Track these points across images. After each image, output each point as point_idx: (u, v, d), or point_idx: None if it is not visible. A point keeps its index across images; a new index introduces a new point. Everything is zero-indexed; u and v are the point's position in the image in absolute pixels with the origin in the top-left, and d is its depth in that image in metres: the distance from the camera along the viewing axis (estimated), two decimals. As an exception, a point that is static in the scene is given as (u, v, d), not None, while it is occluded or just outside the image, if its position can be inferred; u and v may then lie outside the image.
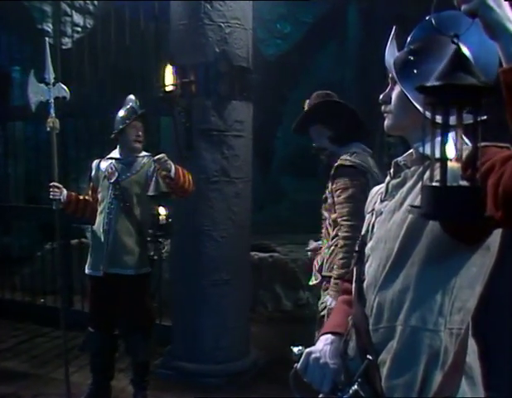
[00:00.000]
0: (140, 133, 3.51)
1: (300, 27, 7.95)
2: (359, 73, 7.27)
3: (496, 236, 1.26)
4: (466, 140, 1.13)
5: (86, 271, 3.59)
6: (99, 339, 3.56)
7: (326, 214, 2.98)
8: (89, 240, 3.76)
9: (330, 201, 2.90)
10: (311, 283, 3.07)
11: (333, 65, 7.52)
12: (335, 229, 2.86)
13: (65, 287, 4.17)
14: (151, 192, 3.45)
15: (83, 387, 3.76)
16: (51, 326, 4.97)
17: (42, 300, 5.64)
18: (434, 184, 1.05)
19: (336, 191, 2.81)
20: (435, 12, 1.10)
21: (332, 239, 2.88)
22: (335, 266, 2.78)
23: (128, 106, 3.55)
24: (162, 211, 3.47)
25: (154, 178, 3.45)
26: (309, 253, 3.18)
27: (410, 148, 1.38)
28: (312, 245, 3.16)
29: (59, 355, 4.16)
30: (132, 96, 3.61)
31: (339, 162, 2.84)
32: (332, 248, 2.86)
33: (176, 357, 4.30)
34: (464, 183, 1.02)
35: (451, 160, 1.02)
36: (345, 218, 2.76)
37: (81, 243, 5.33)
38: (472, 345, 1.31)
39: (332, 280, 2.77)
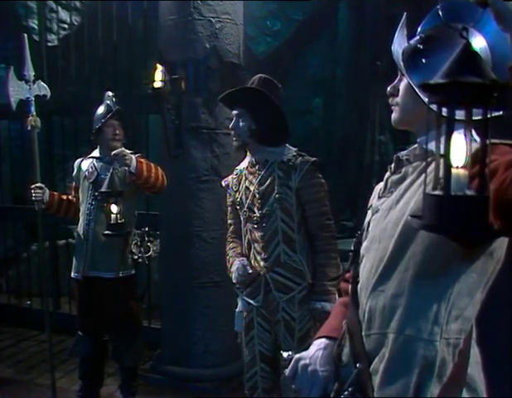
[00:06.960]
0: (117, 131, 3.40)
1: (290, 24, 7.86)
2: (349, 70, 7.22)
3: (502, 242, 1.18)
4: (476, 136, 1.05)
5: (72, 274, 3.49)
6: (88, 344, 3.43)
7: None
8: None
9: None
10: None
11: (324, 63, 7.44)
12: None
13: (47, 289, 4.04)
14: (103, 189, 3.30)
15: (70, 394, 3.66)
16: (38, 329, 4.87)
17: (28, 302, 5.51)
18: (437, 193, 0.94)
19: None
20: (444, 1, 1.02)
21: None
22: None
23: (105, 104, 3.44)
24: (114, 209, 3.27)
25: (109, 174, 3.34)
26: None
27: (401, 145, 1.30)
28: None
29: (45, 360, 4.06)
30: (109, 93, 3.48)
31: (307, 158, 2.68)
32: None
33: (165, 362, 4.21)
34: (470, 192, 0.92)
35: (457, 167, 0.93)
36: None
37: (68, 244, 5.22)
38: (475, 356, 1.23)
39: None
